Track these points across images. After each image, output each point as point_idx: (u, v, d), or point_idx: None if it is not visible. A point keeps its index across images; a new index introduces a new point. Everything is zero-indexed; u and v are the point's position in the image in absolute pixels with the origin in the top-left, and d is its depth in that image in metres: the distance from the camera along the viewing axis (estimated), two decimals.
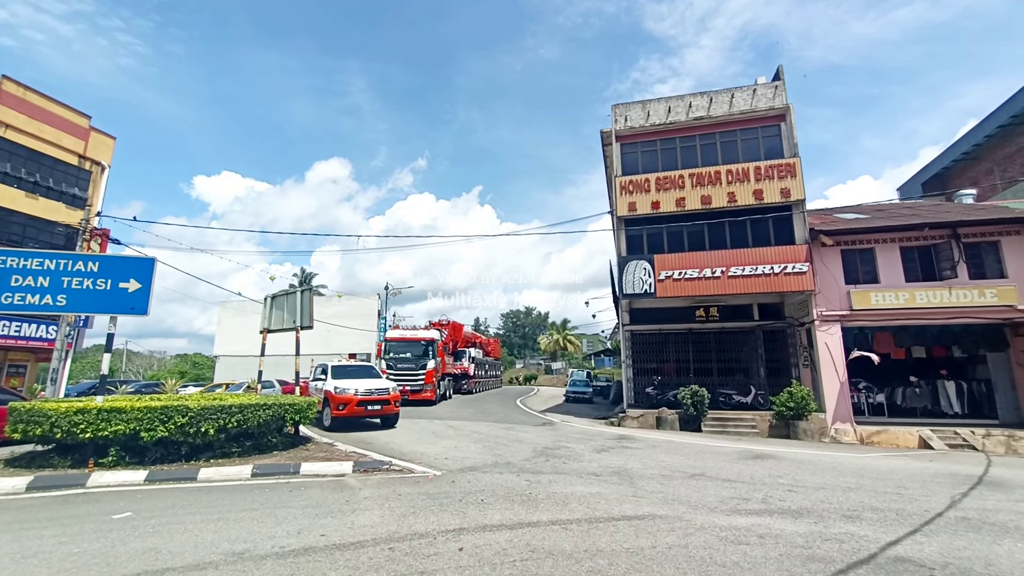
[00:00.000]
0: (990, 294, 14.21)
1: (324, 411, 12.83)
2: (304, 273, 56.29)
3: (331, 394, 12.72)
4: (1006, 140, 24.27)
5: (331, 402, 12.65)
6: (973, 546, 4.67)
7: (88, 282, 8.18)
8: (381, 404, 12.96)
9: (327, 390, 12.95)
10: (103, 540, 4.57)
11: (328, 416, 12.75)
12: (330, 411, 12.68)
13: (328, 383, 13.19)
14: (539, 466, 8.49)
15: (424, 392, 21.32)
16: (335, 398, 12.60)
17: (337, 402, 12.53)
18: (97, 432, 7.34)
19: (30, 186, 18.49)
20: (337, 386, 12.79)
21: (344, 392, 12.58)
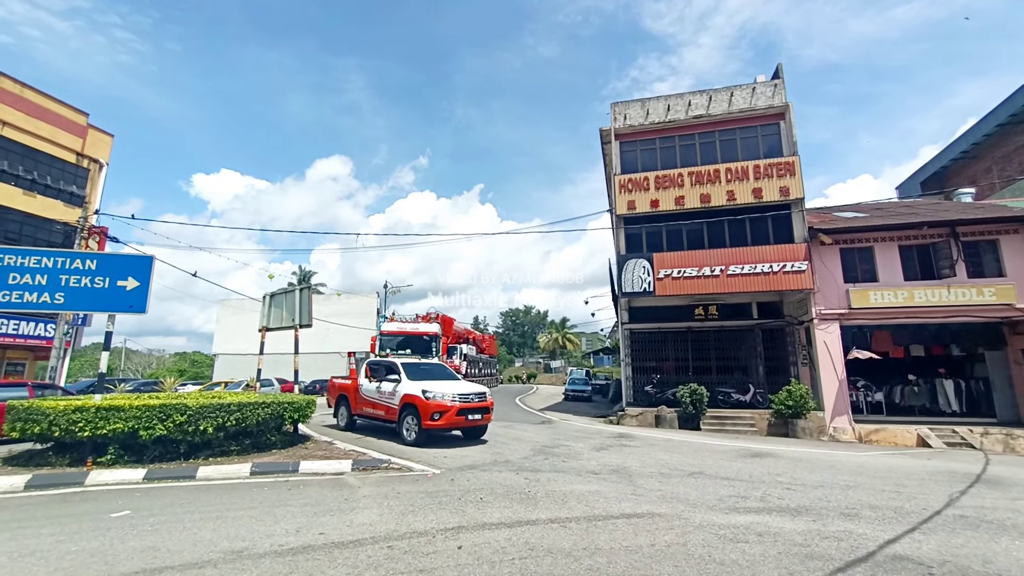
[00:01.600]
0: (988, 293, 14.23)
1: (404, 421, 10.22)
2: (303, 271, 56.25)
3: (419, 400, 9.89)
4: (1005, 139, 24.30)
5: (421, 411, 9.78)
6: (971, 544, 4.68)
7: (86, 280, 8.16)
8: (481, 412, 10.47)
9: (411, 395, 10.14)
10: (101, 539, 4.56)
11: (414, 428, 9.97)
12: (418, 421, 9.85)
13: (406, 385, 10.46)
14: (538, 464, 8.49)
15: None
16: (427, 405, 9.78)
17: (431, 410, 9.70)
18: (95, 430, 7.32)
19: (27, 183, 18.41)
20: (427, 390, 10.02)
21: (438, 398, 9.83)
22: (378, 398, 11.07)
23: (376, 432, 11.58)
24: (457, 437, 11.15)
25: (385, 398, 10.83)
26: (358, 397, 11.72)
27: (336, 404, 12.83)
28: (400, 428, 10.26)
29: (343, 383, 12.83)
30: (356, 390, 11.77)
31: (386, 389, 10.86)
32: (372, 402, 11.31)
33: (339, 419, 12.56)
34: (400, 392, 10.45)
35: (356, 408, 11.90)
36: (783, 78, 16.97)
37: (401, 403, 10.34)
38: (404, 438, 10.14)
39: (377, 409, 11.09)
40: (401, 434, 10.25)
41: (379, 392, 11.06)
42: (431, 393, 10.02)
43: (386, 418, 10.79)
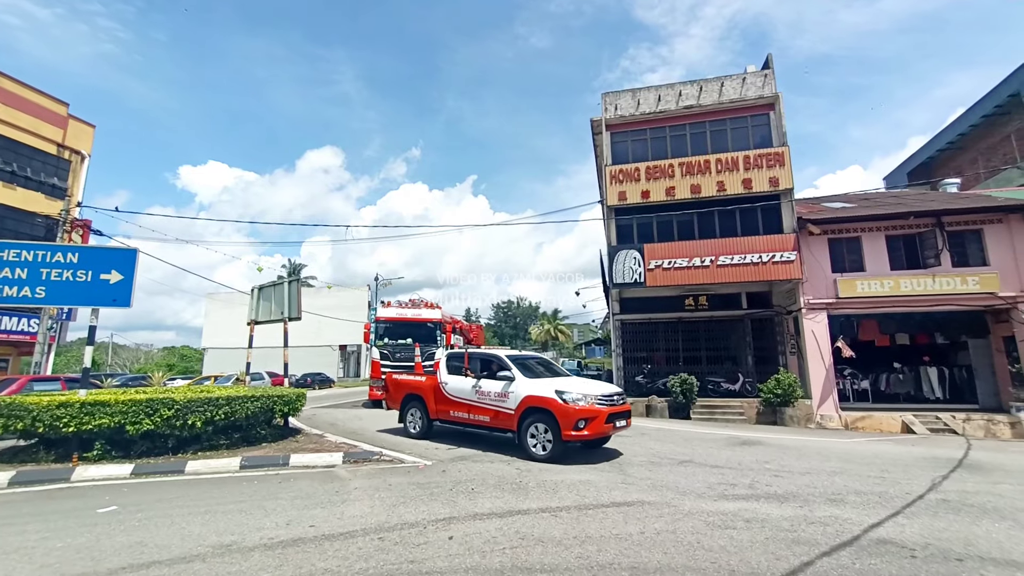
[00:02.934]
0: (972, 281, 14.45)
1: (527, 430, 8.06)
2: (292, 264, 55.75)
3: (554, 404, 7.76)
4: (990, 130, 24.57)
5: (560, 417, 7.65)
6: (953, 527, 4.78)
7: (68, 274, 8.00)
8: (625, 417, 8.31)
9: (538, 396, 8.01)
10: (87, 534, 4.51)
11: (543, 439, 7.89)
12: (553, 431, 7.73)
13: (524, 384, 8.32)
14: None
15: None
16: (567, 411, 7.61)
17: (574, 417, 7.53)
18: (81, 426, 7.23)
19: (7, 176, 18.00)
20: (562, 391, 7.82)
21: (579, 401, 7.67)
22: (477, 400, 8.88)
23: (472, 441, 9.49)
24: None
25: (490, 400, 8.66)
26: (439, 397, 9.60)
27: (403, 406, 10.48)
28: (522, 439, 8.11)
29: (413, 380, 10.59)
30: (436, 389, 9.68)
31: (490, 389, 8.70)
32: (466, 404, 9.09)
33: (410, 425, 10.25)
34: (517, 393, 8.25)
35: (437, 411, 9.68)
36: (773, 68, 16.98)
37: (521, 407, 8.14)
38: (530, 451, 7.94)
39: (475, 413, 8.90)
40: (525, 446, 8.05)
41: (478, 393, 8.87)
42: (570, 395, 7.74)
43: (492, 425, 8.64)
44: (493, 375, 8.90)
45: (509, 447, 8.77)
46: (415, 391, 10.27)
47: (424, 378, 10.32)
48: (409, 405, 10.38)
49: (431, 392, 9.85)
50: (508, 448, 8.74)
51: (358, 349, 47.52)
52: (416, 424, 10.15)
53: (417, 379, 10.53)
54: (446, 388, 9.54)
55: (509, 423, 8.38)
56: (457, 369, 9.61)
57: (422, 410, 10.02)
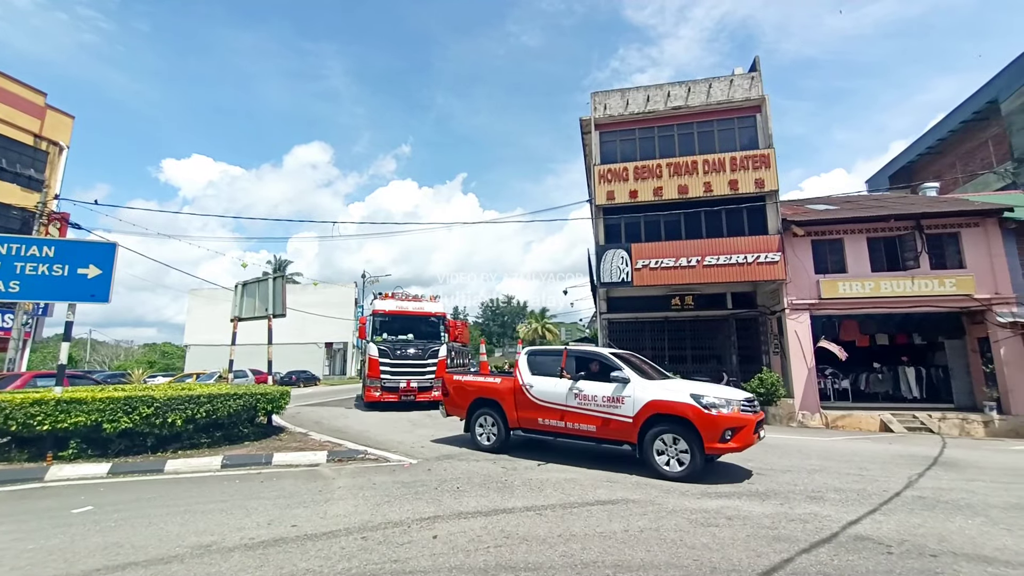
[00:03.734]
0: (950, 283, 14.79)
1: (652, 442, 6.84)
2: (278, 260, 55.05)
3: (693, 411, 6.55)
4: (968, 136, 25.17)
5: (701, 427, 6.48)
6: (927, 523, 4.89)
7: (43, 268, 7.79)
8: (761, 424, 7.19)
9: (667, 402, 6.80)
10: (61, 535, 4.40)
11: (676, 453, 6.70)
12: (693, 443, 6.54)
13: (645, 388, 7.11)
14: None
15: (435, 390, 15.04)
16: (710, 420, 6.45)
17: (720, 427, 6.42)
18: (56, 424, 7.05)
19: None
20: (700, 395, 6.67)
21: (722, 407, 6.54)
22: (578, 406, 7.54)
23: (566, 456, 8.04)
24: None
25: (596, 406, 7.36)
26: (522, 403, 8.21)
27: (470, 413, 8.99)
28: (646, 453, 6.86)
29: (484, 382, 8.99)
30: (517, 393, 8.27)
31: (595, 393, 7.42)
32: (560, 410, 7.71)
33: (480, 435, 8.74)
34: (636, 398, 7.03)
35: (519, 419, 8.28)
36: (760, 71, 17.17)
37: (643, 415, 6.90)
38: (658, 468, 6.73)
39: (575, 422, 7.57)
40: (650, 461, 6.81)
41: (578, 397, 7.56)
42: (711, 399, 6.59)
43: (599, 436, 7.36)
44: (594, 376, 7.67)
45: (622, 463, 7.42)
46: (488, 395, 8.76)
47: (499, 379, 8.82)
48: (479, 412, 8.83)
49: (510, 396, 8.38)
50: (621, 464, 7.38)
51: (344, 346, 47.13)
52: (489, 434, 8.65)
53: (489, 380, 8.98)
54: (532, 392, 8.11)
55: (625, 434, 7.09)
56: (544, 369, 8.24)
57: (498, 418, 8.52)
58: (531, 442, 8.73)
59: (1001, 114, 22.20)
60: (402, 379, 14.99)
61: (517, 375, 8.47)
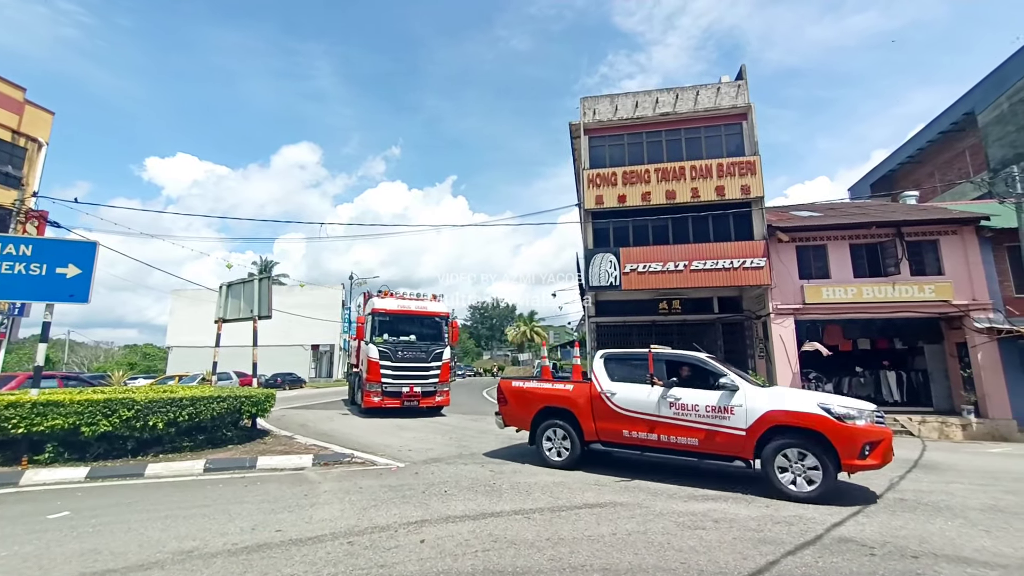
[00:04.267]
0: (929, 290, 15.14)
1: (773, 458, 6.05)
2: (264, 261, 54.37)
3: (831, 424, 5.81)
4: (946, 146, 25.83)
5: (838, 442, 5.75)
6: (909, 525, 4.97)
7: (20, 267, 7.57)
8: None
9: (806, 414, 5.98)
10: (36, 542, 4.27)
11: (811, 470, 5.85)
12: (828, 461, 5.77)
13: (760, 397, 6.38)
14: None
15: (438, 395, 14.68)
16: (847, 433, 5.76)
17: (859, 441, 5.73)
18: (32, 427, 6.84)
19: None
20: (833, 407, 5.95)
21: (858, 420, 5.87)
22: (673, 416, 6.73)
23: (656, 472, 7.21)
24: None
25: (697, 417, 6.56)
26: (602, 412, 7.29)
27: (537, 424, 7.95)
28: (767, 469, 6.07)
29: (554, 390, 7.94)
30: (595, 401, 7.38)
31: (696, 402, 6.61)
32: (650, 421, 6.89)
33: (549, 448, 7.72)
34: (750, 407, 6.26)
35: (599, 431, 7.35)
36: (746, 79, 17.45)
37: (760, 427, 6.13)
38: (781, 487, 5.95)
39: (669, 434, 6.73)
40: (771, 479, 6.02)
41: (674, 406, 6.73)
42: (842, 409, 5.92)
43: (703, 450, 6.54)
44: (688, 382, 6.93)
45: (731, 481, 6.69)
46: (558, 404, 7.77)
47: (571, 386, 7.83)
48: (547, 422, 7.81)
49: (586, 405, 7.47)
50: (729, 483, 6.63)
51: (331, 349, 46.63)
52: (559, 448, 7.64)
53: (559, 388, 7.93)
54: (613, 400, 7.23)
55: (736, 448, 6.31)
56: (626, 375, 7.39)
57: (571, 429, 7.54)
58: (607, 457, 7.69)
59: (978, 126, 22.83)
60: (405, 383, 14.00)
61: (594, 382, 7.53)
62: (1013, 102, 20.78)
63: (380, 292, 15.40)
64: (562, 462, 7.57)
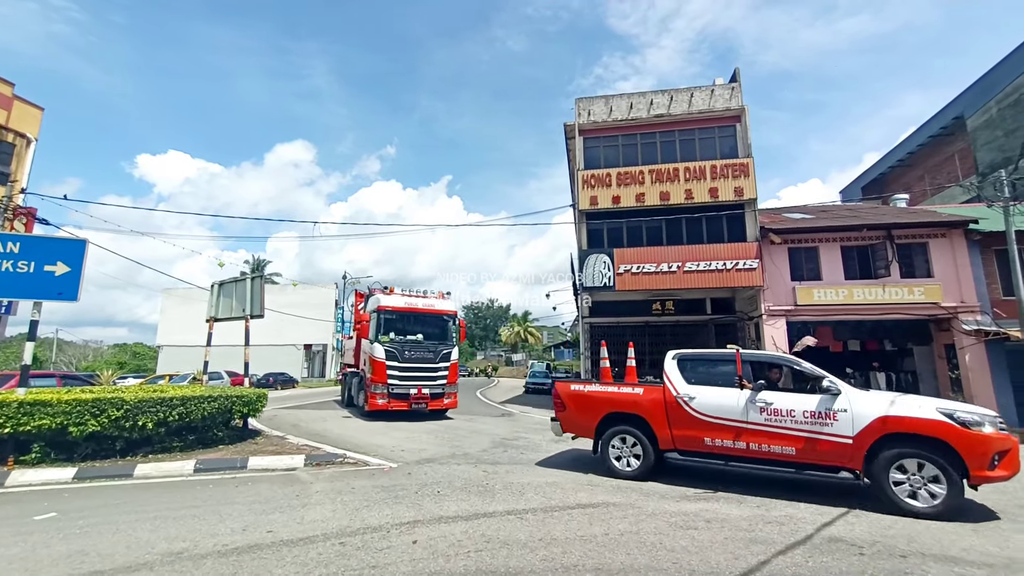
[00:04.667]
0: (918, 292, 15.32)
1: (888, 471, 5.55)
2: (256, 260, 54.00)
3: (957, 432, 5.36)
4: (936, 150, 26.16)
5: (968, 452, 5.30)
6: (897, 525, 5.02)
7: (7, 264, 7.46)
8: None
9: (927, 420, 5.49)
10: (22, 544, 4.21)
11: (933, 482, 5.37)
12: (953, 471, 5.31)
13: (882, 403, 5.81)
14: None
15: (446, 397, 14.02)
16: (982, 442, 5.31)
17: (992, 451, 5.29)
18: (18, 427, 6.74)
19: None
20: (957, 414, 5.49)
21: (985, 428, 5.41)
22: (764, 423, 6.20)
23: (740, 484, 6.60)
24: None
25: (794, 423, 6.03)
26: (679, 418, 6.71)
27: (601, 431, 7.34)
28: (881, 482, 5.56)
29: (621, 394, 7.30)
30: (671, 406, 6.79)
31: (790, 407, 6.11)
32: (736, 428, 6.33)
33: (617, 458, 7.12)
34: (857, 413, 5.79)
35: (674, 438, 6.75)
36: (740, 82, 17.56)
37: (871, 435, 5.64)
38: (898, 501, 5.43)
39: (760, 442, 6.17)
40: (886, 493, 5.50)
41: (765, 412, 6.20)
42: (966, 415, 5.45)
43: (800, 459, 6.00)
44: (776, 385, 6.51)
45: (830, 494, 6.17)
46: (626, 409, 7.16)
47: (640, 389, 7.19)
48: (614, 430, 7.20)
49: (660, 411, 6.87)
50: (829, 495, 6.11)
51: (323, 348, 46.39)
52: (629, 457, 7.05)
53: (626, 391, 7.30)
54: (691, 405, 6.65)
55: (842, 457, 5.79)
56: (705, 377, 6.85)
57: (643, 437, 6.94)
58: (683, 467, 7.23)
59: (967, 130, 23.14)
60: (413, 385, 13.29)
61: (667, 385, 6.94)
62: (1002, 107, 21.08)
63: (385, 289, 14.42)
64: (632, 472, 6.96)
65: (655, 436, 6.90)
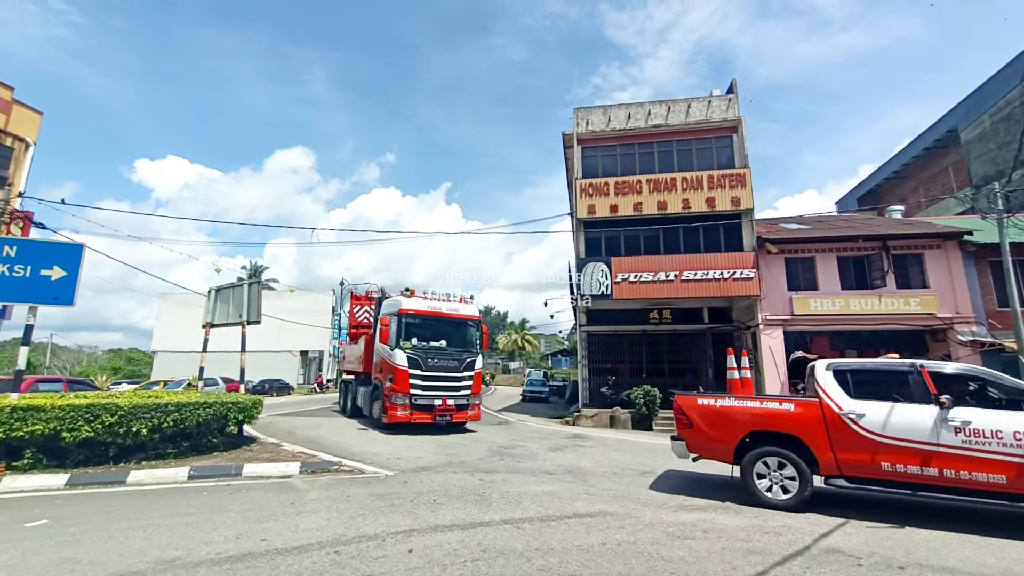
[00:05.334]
0: (914, 302, 15.39)
1: None
2: (253, 266, 53.89)
3: None
4: (930, 162, 26.42)
5: None
6: (895, 535, 5.01)
7: (3, 268, 7.43)
8: None
9: None
10: (12, 551, 4.16)
11: None
12: None
13: None
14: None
15: (471, 409, 13.06)
16: None
17: None
18: (10, 432, 6.68)
19: None
20: None
21: None
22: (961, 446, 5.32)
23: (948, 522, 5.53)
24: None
25: (1001, 447, 5.19)
26: (845, 439, 5.78)
27: (744, 453, 6.34)
28: None
29: (768, 410, 6.31)
30: (833, 425, 5.85)
31: (997, 427, 5.24)
32: (922, 452, 5.44)
33: (765, 487, 6.12)
34: None
35: (840, 463, 5.80)
36: (737, 93, 17.74)
37: None
38: None
39: (960, 468, 5.30)
40: None
41: (962, 432, 5.32)
42: None
43: (1014, 489, 5.13)
44: (966, 401, 5.57)
45: (827, 505, 6.03)
46: (775, 427, 6.19)
47: (790, 404, 6.23)
48: (760, 451, 6.22)
49: (819, 430, 5.93)
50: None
51: (320, 355, 46.17)
52: (781, 484, 6.05)
53: (773, 407, 6.31)
54: (860, 423, 5.72)
55: None
56: (874, 391, 5.93)
57: (799, 460, 5.96)
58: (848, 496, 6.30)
59: (960, 143, 23.39)
60: (437, 396, 12.23)
61: (824, 400, 6.01)
62: (995, 120, 21.34)
63: (405, 291, 13.35)
64: (786, 502, 5.94)
65: (815, 460, 5.93)
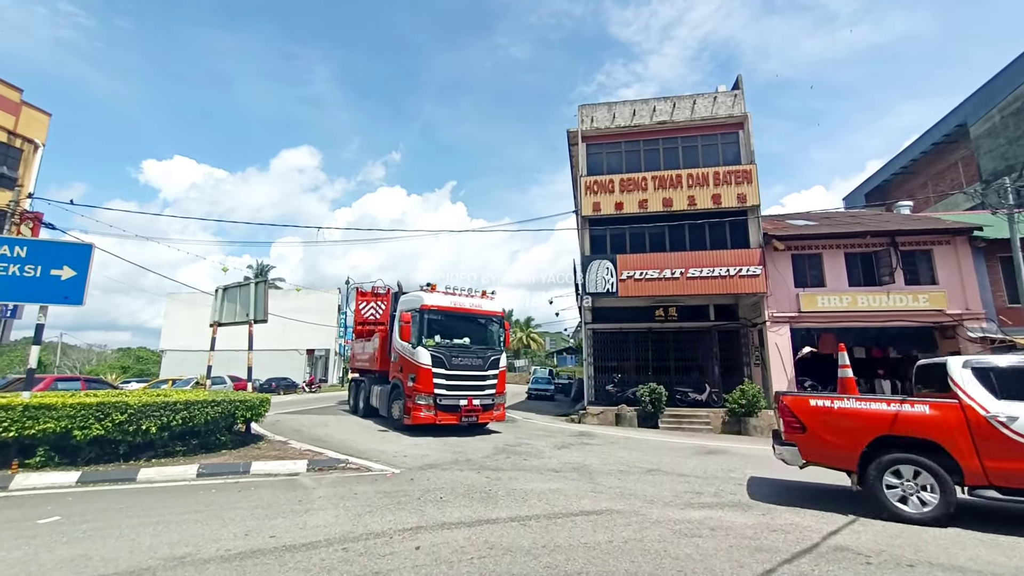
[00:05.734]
0: (923, 299, 15.24)
1: None
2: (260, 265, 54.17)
3: None
4: (938, 157, 26.15)
5: None
6: (904, 534, 4.98)
7: (14, 268, 7.52)
8: None
9: None
10: (25, 547, 4.22)
11: None
12: None
13: None
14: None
15: (496, 409, 12.55)
16: None
17: None
18: (23, 430, 6.77)
19: None
20: None
21: None
22: None
23: None
24: None
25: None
26: (991, 446, 5.19)
27: (868, 463, 5.68)
28: None
29: (899, 412, 5.61)
30: (979, 429, 5.26)
31: None
32: None
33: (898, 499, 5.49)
34: None
35: (989, 472, 5.19)
36: (743, 89, 17.61)
37: None
38: None
39: None
40: None
41: None
42: None
43: None
44: None
45: (836, 502, 5.92)
46: (908, 432, 5.54)
47: (925, 407, 5.55)
48: (889, 458, 5.58)
49: (962, 435, 5.33)
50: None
51: (326, 353, 46.41)
52: (917, 496, 5.43)
53: (905, 409, 5.61)
54: (1014, 427, 5.12)
55: None
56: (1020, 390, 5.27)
57: (940, 469, 5.34)
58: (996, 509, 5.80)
59: (970, 138, 23.13)
60: (463, 396, 11.77)
61: (966, 400, 5.40)
62: (1004, 115, 21.08)
63: (426, 286, 12.68)
64: (925, 516, 5.31)
65: (958, 468, 5.32)
